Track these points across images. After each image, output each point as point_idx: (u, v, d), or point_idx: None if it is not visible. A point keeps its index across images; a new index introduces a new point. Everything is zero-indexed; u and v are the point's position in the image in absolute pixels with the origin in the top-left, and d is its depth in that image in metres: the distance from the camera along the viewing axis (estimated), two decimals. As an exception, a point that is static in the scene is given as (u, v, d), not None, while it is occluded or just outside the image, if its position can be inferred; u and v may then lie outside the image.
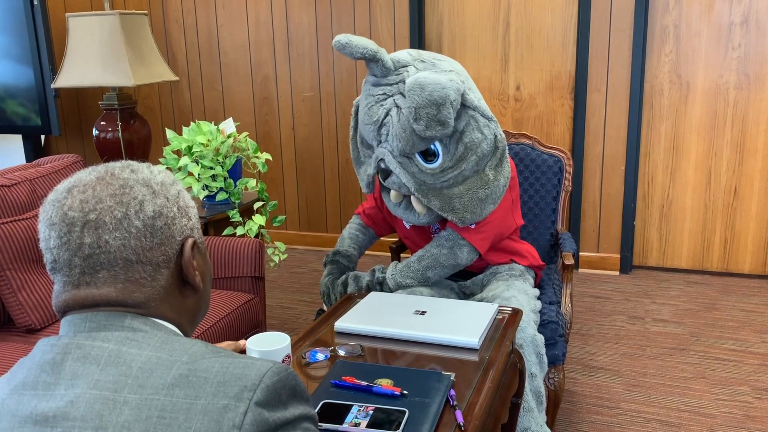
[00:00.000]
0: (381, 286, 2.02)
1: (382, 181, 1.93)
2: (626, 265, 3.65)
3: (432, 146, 1.83)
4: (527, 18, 3.55)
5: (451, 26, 3.68)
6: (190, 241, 0.85)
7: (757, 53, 3.31)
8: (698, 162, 3.51)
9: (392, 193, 1.97)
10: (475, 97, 1.86)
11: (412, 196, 1.93)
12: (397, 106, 1.80)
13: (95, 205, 0.79)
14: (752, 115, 3.38)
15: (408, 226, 2.15)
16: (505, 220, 2.05)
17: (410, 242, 2.20)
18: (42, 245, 0.82)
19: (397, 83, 1.82)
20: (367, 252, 4.07)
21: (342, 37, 1.77)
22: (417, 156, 1.85)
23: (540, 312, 2.02)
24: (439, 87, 1.68)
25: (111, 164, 0.85)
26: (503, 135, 1.95)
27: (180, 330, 0.86)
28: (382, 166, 1.87)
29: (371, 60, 1.80)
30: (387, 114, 1.81)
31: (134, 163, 0.86)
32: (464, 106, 1.81)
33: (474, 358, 1.49)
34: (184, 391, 0.71)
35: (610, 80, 3.48)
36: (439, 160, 1.84)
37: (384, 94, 1.83)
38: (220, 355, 0.76)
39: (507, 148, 1.98)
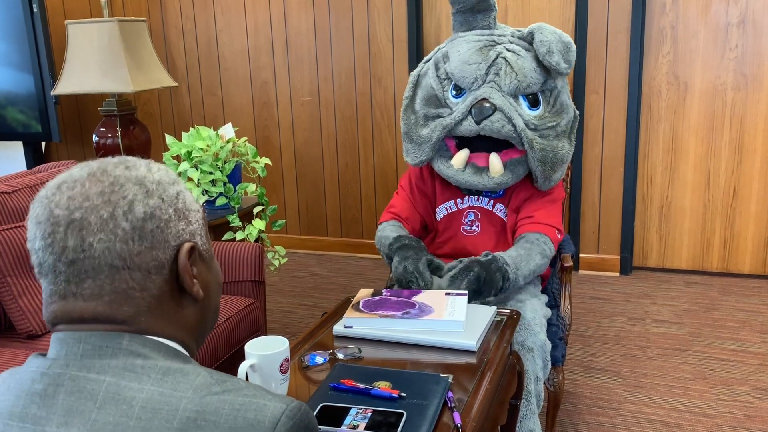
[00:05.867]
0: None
1: (477, 123, 1.89)
2: (626, 266, 3.65)
3: (537, 94, 1.95)
4: (525, 20, 3.56)
5: (450, 29, 3.69)
6: (186, 246, 0.77)
7: (755, 54, 3.32)
8: (697, 163, 3.51)
9: (458, 156, 1.96)
10: None
11: (491, 155, 1.94)
12: (509, 51, 1.93)
13: (81, 203, 0.73)
14: (750, 115, 3.39)
15: (446, 210, 2.12)
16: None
17: (438, 236, 2.17)
18: (28, 245, 0.75)
19: (505, 35, 1.99)
20: (360, 255, 4.08)
21: None
22: (522, 99, 1.94)
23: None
24: (565, 34, 1.93)
25: (106, 160, 0.79)
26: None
27: (183, 347, 0.80)
28: (488, 105, 1.88)
29: (488, 9, 1.99)
30: (498, 56, 1.92)
31: (132, 159, 0.79)
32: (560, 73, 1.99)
33: (472, 360, 1.50)
34: None
35: (608, 82, 3.49)
36: (540, 109, 1.96)
37: (493, 41, 1.97)
38: (228, 391, 0.70)
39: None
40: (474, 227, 2.10)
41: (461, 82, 1.95)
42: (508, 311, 1.76)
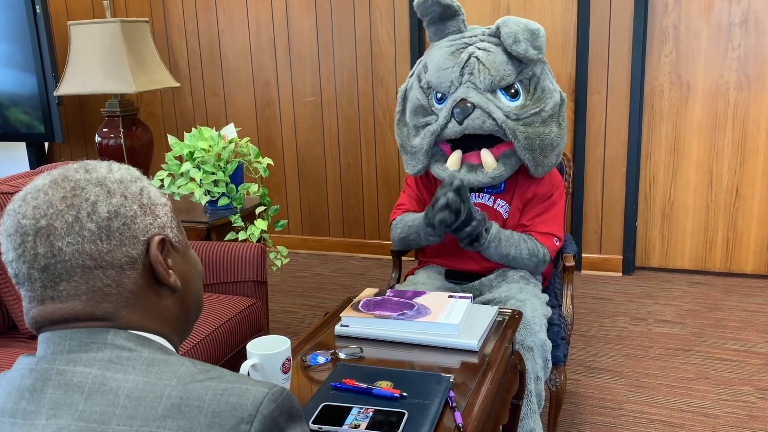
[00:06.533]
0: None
1: (459, 123, 1.95)
2: (629, 266, 3.65)
3: (515, 85, 1.99)
4: (527, 21, 3.56)
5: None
6: (156, 239, 0.79)
7: (757, 53, 3.32)
8: (699, 163, 3.51)
9: (451, 158, 2.02)
10: None
11: (482, 151, 2.00)
12: (480, 49, 1.99)
13: (46, 211, 0.75)
14: (753, 115, 3.38)
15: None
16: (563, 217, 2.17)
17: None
18: (2, 259, 0.77)
19: (476, 35, 2.04)
20: (362, 255, 4.08)
21: None
22: (500, 92, 1.98)
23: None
24: (532, 22, 1.97)
25: (68, 166, 0.80)
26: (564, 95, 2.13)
27: (167, 340, 0.81)
28: (468, 104, 1.93)
29: (455, 15, 2.04)
30: (470, 56, 1.98)
31: (91, 163, 0.81)
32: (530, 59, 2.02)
33: (474, 360, 1.50)
34: (176, 423, 0.68)
35: (611, 82, 3.49)
36: (520, 99, 2.00)
37: (465, 43, 2.03)
38: (211, 378, 0.72)
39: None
40: None
41: (439, 87, 2.03)
42: (510, 311, 1.76)
